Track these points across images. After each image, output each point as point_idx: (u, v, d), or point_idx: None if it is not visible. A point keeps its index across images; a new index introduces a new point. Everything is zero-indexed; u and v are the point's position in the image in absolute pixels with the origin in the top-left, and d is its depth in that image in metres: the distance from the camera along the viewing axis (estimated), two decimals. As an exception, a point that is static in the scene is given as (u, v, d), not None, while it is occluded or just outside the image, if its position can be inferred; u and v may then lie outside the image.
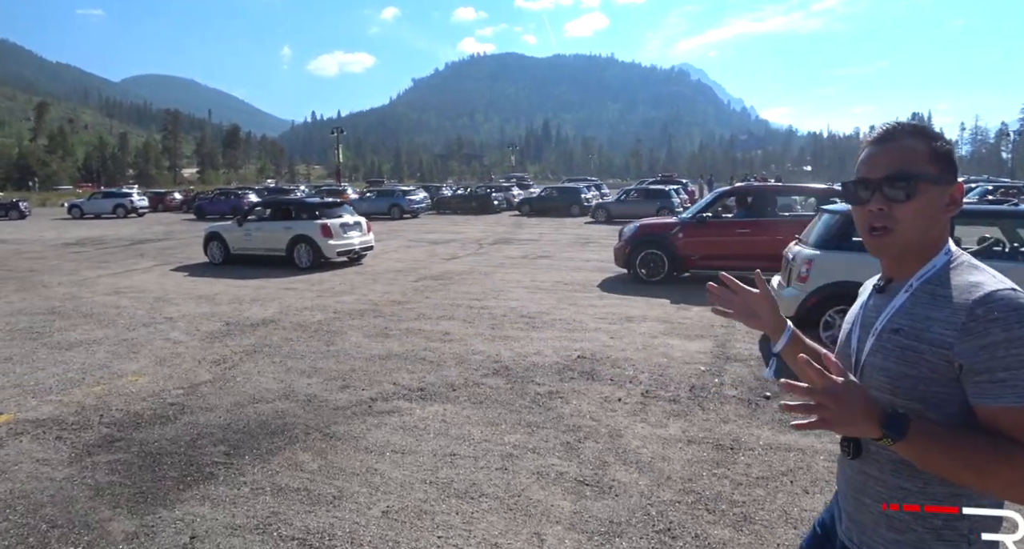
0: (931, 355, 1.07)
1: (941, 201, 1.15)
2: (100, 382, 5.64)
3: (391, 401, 5.09)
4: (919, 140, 1.15)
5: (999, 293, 1.04)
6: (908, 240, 1.15)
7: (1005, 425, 1.01)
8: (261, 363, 6.17)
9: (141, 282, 11.62)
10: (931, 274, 1.14)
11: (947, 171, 1.15)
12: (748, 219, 10.16)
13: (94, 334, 7.49)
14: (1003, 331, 1.01)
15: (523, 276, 11.61)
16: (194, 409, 4.93)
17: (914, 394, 1.10)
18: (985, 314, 1.03)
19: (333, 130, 54.58)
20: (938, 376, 1.07)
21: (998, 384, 1.01)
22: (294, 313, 8.53)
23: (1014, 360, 1.00)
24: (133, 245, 19.39)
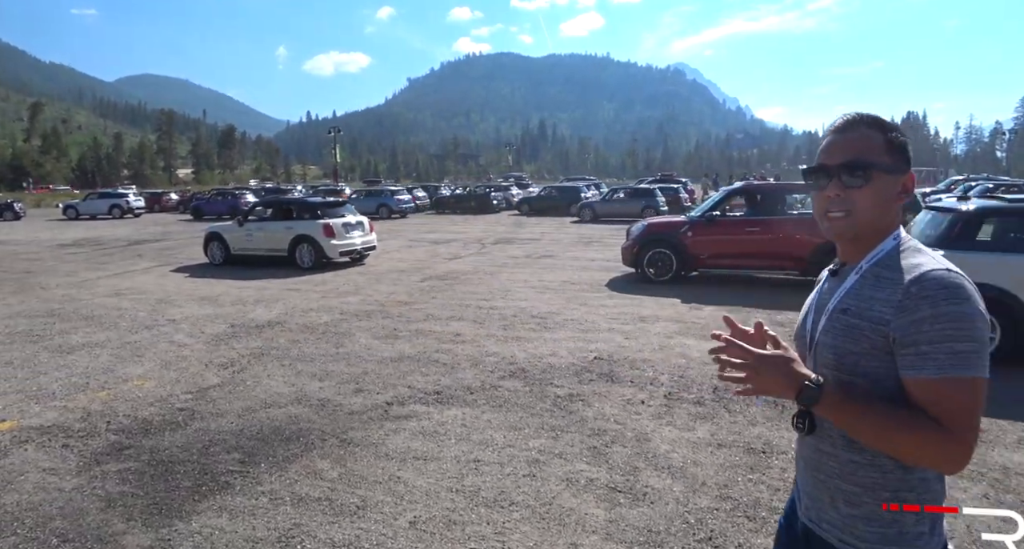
0: (871, 332, 1.13)
1: (894, 189, 1.21)
2: (105, 387, 5.47)
3: (407, 405, 4.94)
4: (876, 131, 1.21)
5: (933, 272, 1.10)
6: (862, 224, 1.21)
7: (922, 396, 1.08)
8: (270, 366, 6.02)
9: (141, 283, 11.43)
10: (879, 257, 1.20)
11: (901, 161, 1.21)
12: (758, 217, 10.04)
13: (96, 337, 7.32)
14: (930, 307, 1.07)
15: (529, 276, 11.47)
16: (204, 414, 4.77)
17: (856, 369, 1.16)
18: (918, 291, 1.09)
19: (330, 130, 54.31)
20: (877, 351, 1.13)
21: (920, 357, 1.07)
22: (300, 314, 8.37)
23: (937, 334, 1.06)
24: (131, 246, 19.18)
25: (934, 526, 1.17)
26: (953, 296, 1.07)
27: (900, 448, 1.09)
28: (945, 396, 1.07)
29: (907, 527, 1.15)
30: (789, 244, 9.69)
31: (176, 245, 19.13)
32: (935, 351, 1.06)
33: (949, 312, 1.06)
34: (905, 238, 1.22)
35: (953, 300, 1.07)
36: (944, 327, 1.06)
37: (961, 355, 1.06)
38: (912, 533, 1.16)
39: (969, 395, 1.07)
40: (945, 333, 1.06)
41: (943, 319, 1.06)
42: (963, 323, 1.06)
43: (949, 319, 1.06)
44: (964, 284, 1.09)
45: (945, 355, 1.06)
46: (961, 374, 1.06)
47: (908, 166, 1.23)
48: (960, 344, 1.06)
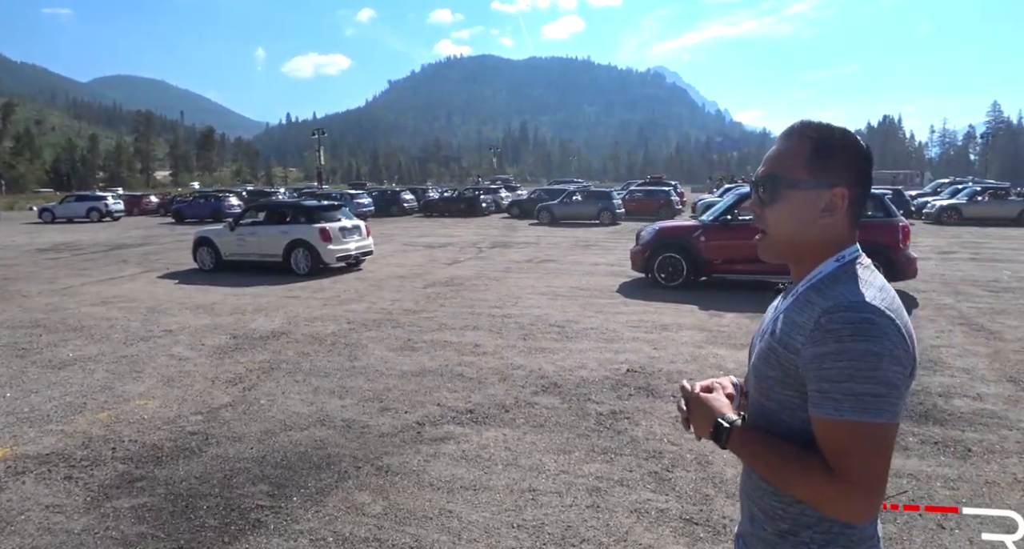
0: (784, 359, 1.09)
1: (812, 207, 1.12)
2: (105, 407, 5.03)
3: (441, 426, 4.57)
4: (804, 142, 1.13)
5: (844, 304, 1.03)
6: (776, 243, 1.16)
7: (820, 437, 1.03)
8: (283, 382, 5.61)
9: (129, 291, 10.90)
10: (816, 280, 1.13)
11: (824, 175, 1.11)
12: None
13: (88, 350, 6.84)
14: (835, 342, 1.00)
15: (536, 282, 11.14)
16: (219, 439, 4.36)
17: (773, 396, 1.12)
18: (826, 324, 1.02)
19: (314, 132, 53.42)
20: (790, 379, 1.08)
21: (821, 394, 1.02)
22: (304, 324, 7.95)
23: (838, 372, 1.00)
24: (112, 251, 18.49)
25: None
26: (860, 332, 0.99)
27: (793, 490, 1.06)
28: (839, 440, 1.00)
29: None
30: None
31: (160, 250, 18.49)
32: (834, 390, 1.00)
33: (851, 350, 0.99)
34: (852, 260, 1.13)
35: (859, 336, 0.99)
36: (844, 365, 0.99)
37: (860, 398, 0.99)
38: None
39: (865, 441, 0.99)
40: (845, 372, 0.99)
41: (845, 356, 0.99)
42: (864, 362, 0.99)
43: (851, 357, 0.99)
44: (877, 321, 1.00)
45: (843, 396, 0.99)
46: (857, 418, 0.99)
47: (842, 180, 1.11)
48: (860, 385, 0.99)
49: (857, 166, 1.13)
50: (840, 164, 1.12)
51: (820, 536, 1.09)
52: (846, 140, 1.13)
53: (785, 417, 1.11)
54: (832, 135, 1.13)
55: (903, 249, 9.21)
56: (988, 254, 15.00)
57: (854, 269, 1.11)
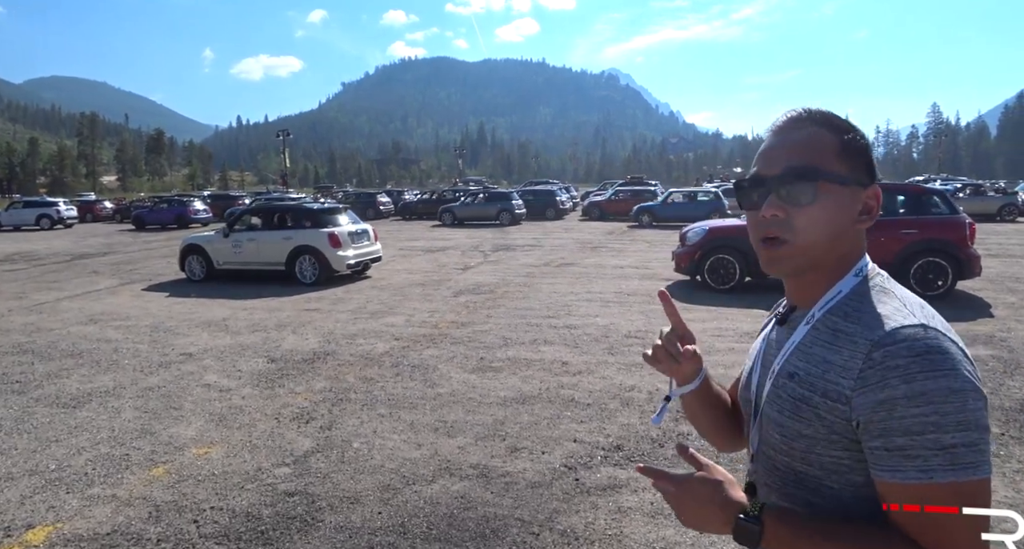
0: (826, 411, 0.84)
1: (852, 208, 0.90)
2: (155, 460, 4.01)
3: (597, 469, 3.74)
4: (827, 130, 0.90)
5: (902, 331, 0.80)
6: (808, 255, 0.90)
7: (900, 506, 0.79)
8: (364, 417, 4.66)
9: (116, 307, 9.65)
10: (835, 302, 0.90)
11: (859, 171, 0.90)
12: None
13: (99, 381, 5.73)
14: (903, 383, 0.77)
15: (571, 287, 10.35)
16: (329, 501, 3.42)
17: (810, 458, 0.86)
18: (883, 359, 0.79)
19: (278, 133, 51.20)
20: (837, 436, 0.83)
21: (895, 453, 0.77)
22: (345, 342, 6.96)
23: (916, 422, 0.76)
24: (75, 261, 16.86)
25: None
26: (933, 366, 0.77)
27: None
28: (931, 509, 0.76)
29: None
30: (872, 248, 8.90)
31: (130, 259, 16.97)
32: (914, 445, 0.76)
33: (929, 390, 0.76)
34: (872, 273, 0.92)
35: (933, 373, 0.76)
36: (925, 412, 0.76)
37: (954, 451, 0.75)
38: None
39: (962, 506, 0.76)
40: (928, 420, 0.75)
41: (921, 400, 0.76)
42: (949, 405, 0.75)
43: (930, 400, 0.76)
44: (947, 347, 0.78)
45: (931, 451, 0.76)
46: (953, 478, 0.75)
47: (871, 177, 0.91)
48: (949, 436, 0.75)
49: (873, 163, 0.94)
50: (865, 158, 0.92)
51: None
52: (864, 134, 0.94)
53: (832, 483, 0.86)
54: (851, 125, 0.93)
55: (970, 247, 8.79)
56: (998, 250, 14.93)
57: (883, 283, 0.91)
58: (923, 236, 8.86)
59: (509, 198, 27.56)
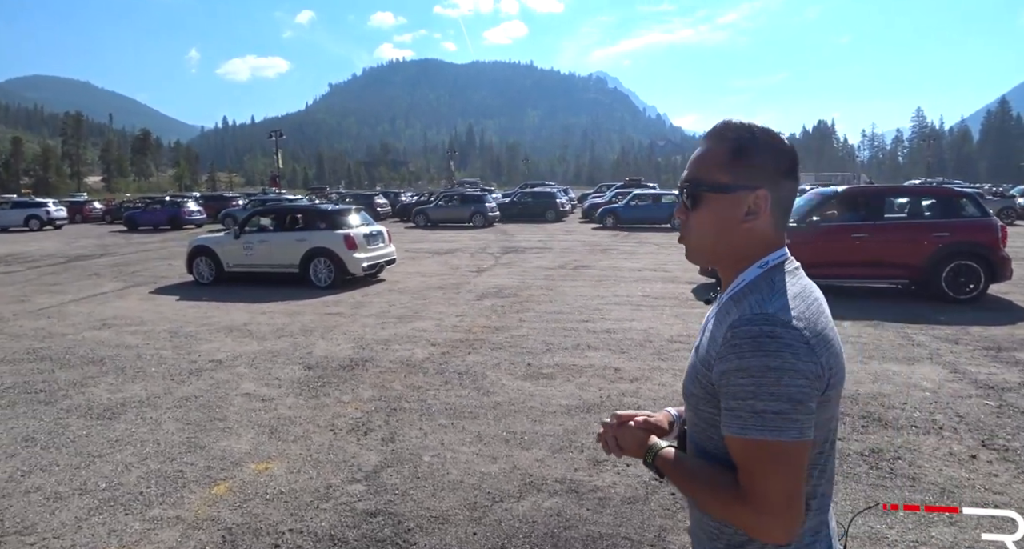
0: (702, 376, 1.05)
1: (735, 211, 1.05)
2: (214, 477, 3.75)
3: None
4: (726, 143, 1.06)
5: (745, 317, 0.98)
6: (699, 250, 1.12)
7: (733, 455, 0.99)
8: (425, 428, 4.43)
9: (126, 310, 9.32)
10: (736, 289, 1.07)
11: (747, 177, 1.04)
12: (863, 223, 9.15)
13: (130, 391, 5.44)
14: (737, 358, 0.96)
15: (595, 290, 10.16)
16: (417, 521, 3.18)
17: (699, 413, 1.08)
18: (731, 338, 0.98)
19: (271, 134, 50.46)
20: (710, 397, 1.04)
21: (728, 412, 0.98)
22: (380, 348, 6.71)
23: (740, 390, 0.96)
24: (71, 263, 16.42)
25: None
26: (759, 347, 0.94)
27: (711, 510, 1.04)
28: (746, 459, 0.97)
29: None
30: (902, 251, 8.88)
31: (128, 261, 16.55)
32: (739, 408, 0.96)
33: (751, 366, 0.94)
34: (776, 266, 1.06)
35: (757, 352, 0.94)
36: (747, 382, 0.94)
37: (762, 415, 0.94)
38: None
39: (770, 461, 0.94)
40: (748, 389, 0.94)
41: (746, 373, 0.94)
42: (765, 378, 0.93)
43: (751, 373, 0.94)
44: (778, 333, 0.94)
45: (748, 414, 0.95)
46: (761, 437, 0.94)
47: (760, 181, 1.04)
48: (762, 403, 0.94)
49: (780, 166, 1.06)
50: (761, 165, 1.05)
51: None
52: (767, 139, 1.06)
53: (713, 434, 1.05)
54: (752, 135, 1.06)
55: (1001, 250, 8.71)
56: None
57: (773, 275, 1.05)
58: (955, 239, 8.76)
59: (482, 201, 27.81)
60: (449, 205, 28.45)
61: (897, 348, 6.42)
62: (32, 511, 3.36)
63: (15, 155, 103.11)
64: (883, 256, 8.95)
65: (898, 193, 9.75)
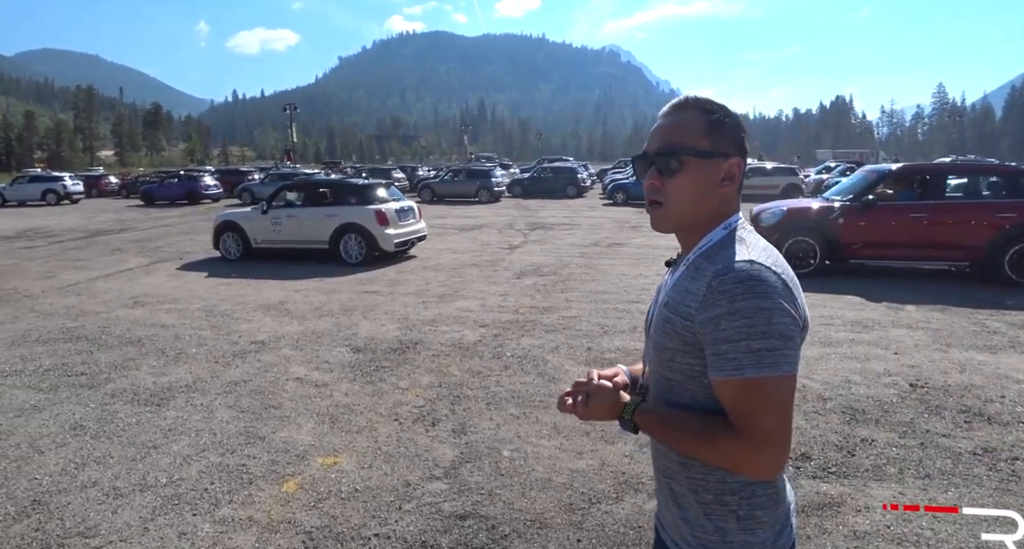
0: (681, 327, 1.08)
1: (713, 176, 1.13)
2: (280, 472, 3.49)
3: (796, 482, 3.23)
4: (698, 113, 1.14)
5: (734, 265, 1.04)
6: (678, 214, 1.15)
7: (724, 398, 1.04)
8: (497, 418, 4.15)
9: (156, 288, 9.09)
10: (705, 248, 1.13)
11: (722, 145, 1.13)
12: (924, 202, 8.69)
13: (174, 374, 5.20)
14: (728, 302, 1.01)
15: (635, 269, 9.82)
16: (512, 524, 2.91)
17: (674, 366, 1.12)
18: (718, 286, 1.03)
19: (285, 107, 49.92)
20: (689, 347, 1.08)
21: (720, 357, 1.02)
22: (427, 329, 6.43)
23: (733, 332, 1.00)
24: (92, 238, 16.23)
25: (771, 538, 1.10)
26: (749, 290, 1.01)
27: (703, 456, 1.08)
28: (742, 398, 1.02)
29: (730, 535, 1.10)
30: (964, 232, 8.44)
31: (150, 236, 16.35)
32: (732, 350, 1.01)
33: (744, 308, 1.00)
34: (739, 226, 1.14)
35: (748, 295, 1.00)
36: (740, 324, 1.00)
37: (758, 353, 1.00)
38: (736, 542, 1.10)
39: (768, 396, 1.01)
40: (741, 331, 1.00)
41: (738, 316, 1.00)
42: (758, 318, 0.99)
43: (743, 315, 1.00)
44: (764, 277, 1.02)
45: (742, 354, 1.00)
46: (758, 374, 1.00)
47: (735, 150, 1.14)
48: (757, 342, 1.00)
49: (742, 138, 1.16)
50: (732, 135, 1.14)
51: (746, 501, 1.09)
52: (732, 113, 1.16)
53: (690, 386, 1.11)
54: (722, 108, 1.15)
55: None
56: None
57: (740, 233, 1.12)
58: (1021, 220, 8.30)
59: (488, 176, 27.52)
60: (455, 180, 28.21)
61: (973, 335, 6.06)
62: (92, 509, 3.12)
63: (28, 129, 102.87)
64: (943, 237, 8.51)
65: (958, 171, 9.26)
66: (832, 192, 10.09)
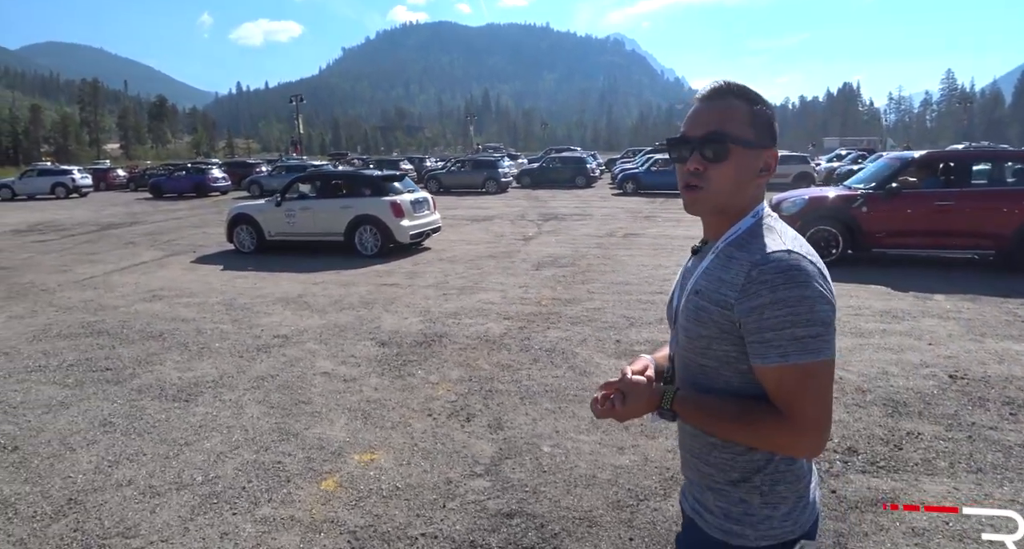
0: (718, 316, 1.10)
1: (755, 165, 1.15)
2: (317, 469, 3.43)
3: (846, 477, 3.16)
4: (742, 101, 1.15)
5: (773, 255, 1.06)
6: (717, 201, 1.16)
7: (769, 384, 1.07)
8: (532, 413, 4.08)
9: (172, 281, 9.04)
10: (734, 237, 1.15)
11: (764, 136, 1.15)
12: (950, 190, 8.54)
13: (199, 369, 5.15)
14: (770, 292, 1.04)
15: (654, 259, 9.72)
16: (561, 523, 2.84)
17: (708, 353, 1.14)
18: (758, 276, 1.05)
19: (292, 99, 49.85)
20: (726, 335, 1.10)
21: (764, 344, 1.05)
22: (450, 322, 6.36)
23: (778, 321, 1.03)
24: (103, 231, 16.22)
25: (791, 512, 1.14)
26: (791, 280, 1.03)
27: (741, 439, 1.11)
28: (789, 384, 1.05)
29: (753, 508, 1.14)
30: (990, 220, 8.30)
31: (161, 229, 16.32)
32: (777, 338, 1.03)
33: (787, 297, 1.03)
34: (766, 215, 1.16)
35: (791, 284, 1.03)
36: (784, 313, 1.03)
37: (803, 341, 1.03)
38: (758, 515, 1.14)
39: (813, 380, 1.04)
40: (786, 319, 1.03)
41: (781, 305, 1.03)
42: (801, 307, 1.03)
43: (787, 304, 1.03)
44: (803, 266, 1.05)
45: (787, 342, 1.03)
46: (803, 360, 1.03)
47: (773, 141, 1.17)
48: (801, 329, 1.03)
49: (775, 129, 1.17)
50: (771, 126, 1.16)
51: (769, 477, 1.13)
52: (769, 104, 1.17)
53: (725, 372, 1.13)
54: (760, 97, 1.16)
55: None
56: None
57: (771, 223, 1.14)
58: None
59: (496, 166, 27.33)
60: (462, 171, 28.05)
61: (1006, 325, 5.94)
62: (130, 509, 3.07)
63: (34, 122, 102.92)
64: (969, 225, 8.37)
65: (985, 157, 9.10)
66: (853, 180, 9.93)
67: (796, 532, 1.14)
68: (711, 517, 1.18)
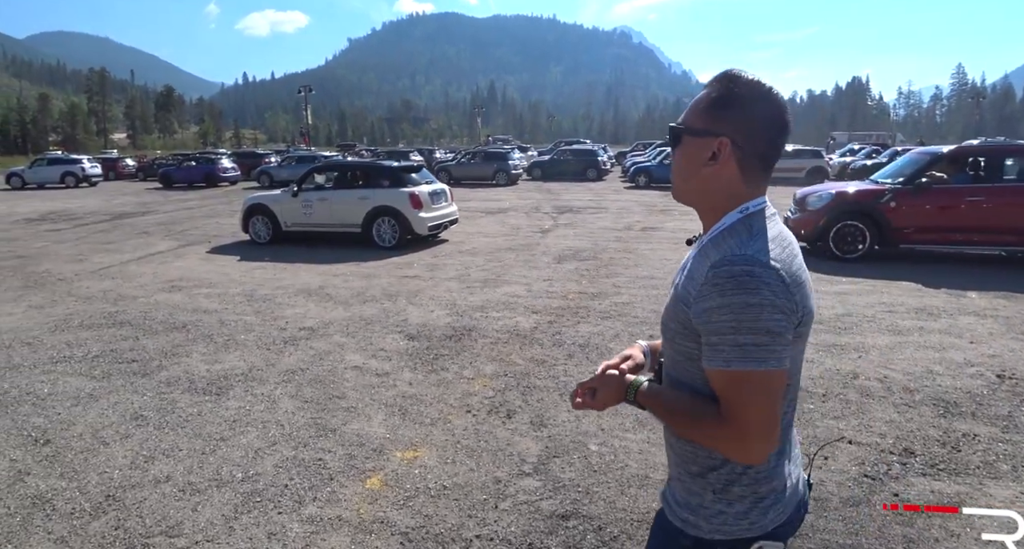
0: (681, 312, 1.11)
1: (700, 155, 1.13)
2: (360, 467, 3.34)
3: (907, 480, 3.07)
4: (711, 91, 1.13)
5: (727, 258, 1.05)
6: (677, 190, 1.21)
7: (715, 387, 1.07)
8: (576, 411, 3.98)
9: (190, 272, 8.97)
10: (716, 233, 1.13)
11: (715, 125, 1.11)
12: (981, 185, 8.38)
13: (227, 361, 5.06)
14: (719, 296, 1.03)
15: (676, 253, 9.57)
16: (619, 525, 2.75)
17: (676, 347, 1.15)
18: (712, 278, 1.04)
19: (300, 89, 49.58)
20: (688, 331, 1.10)
21: (711, 347, 1.05)
22: (478, 316, 6.26)
23: (722, 326, 1.02)
24: (116, 220, 16.17)
25: (747, 512, 1.13)
26: (740, 286, 1.01)
27: (694, 437, 1.13)
28: (729, 389, 1.04)
29: (706, 502, 1.15)
30: (1021, 216, 8.14)
31: (174, 219, 16.26)
32: (721, 342, 1.03)
33: (732, 303, 1.01)
34: (756, 212, 1.11)
35: (739, 290, 1.01)
36: (728, 319, 1.02)
37: (744, 348, 1.02)
38: (711, 509, 1.15)
39: (752, 389, 1.03)
40: (729, 325, 1.02)
41: (727, 310, 1.02)
42: (745, 314, 1.01)
43: (731, 310, 1.01)
44: (757, 273, 1.02)
45: (730, 347, 1.02)
46: (744, 368, 1.02)
47: (729, 130, 1.09)
48: (743, 336, 1.01)
49: (756, 119, 1.10)
50: (732, 116, 1.10)
51: (724, 476, 1.13)
52: (752, 92, 1.10)
53: (690, 368, 1.13)
54: (733, 86, 1.10)
55: None
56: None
57: (752, 221, 1.10)
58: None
59: (506, 159, 27.25)
60: (472, 163, 27.97)
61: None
62: (171, 506, 2.99)
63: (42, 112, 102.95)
64: (1001, 221, 8.22)
65: (1016, 152, 8.92)
66: (880, 175, 9.77)
67: (753, 531, 1.13)
68: (674, 504, 1.21)
